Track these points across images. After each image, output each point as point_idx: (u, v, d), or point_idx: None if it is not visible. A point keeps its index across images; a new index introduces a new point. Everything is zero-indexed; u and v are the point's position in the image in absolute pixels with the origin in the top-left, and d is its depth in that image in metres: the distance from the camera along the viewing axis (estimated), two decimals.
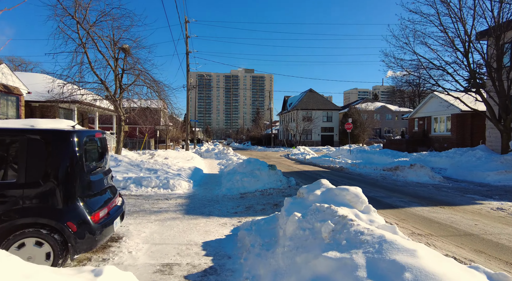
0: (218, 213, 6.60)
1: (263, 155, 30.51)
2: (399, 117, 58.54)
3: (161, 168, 10.31)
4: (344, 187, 4.43)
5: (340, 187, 4.50)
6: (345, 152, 24.97)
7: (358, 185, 10.62)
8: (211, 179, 12.17)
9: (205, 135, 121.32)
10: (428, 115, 23.68)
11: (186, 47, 27.47)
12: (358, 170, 14.52)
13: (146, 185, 8.75)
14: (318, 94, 55.89)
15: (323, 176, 13.07)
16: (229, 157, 21.84)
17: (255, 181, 9.30)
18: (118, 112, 12.38)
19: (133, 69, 12.73)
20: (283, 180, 9.98)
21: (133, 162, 10.22)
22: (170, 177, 9.25)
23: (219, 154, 26.10)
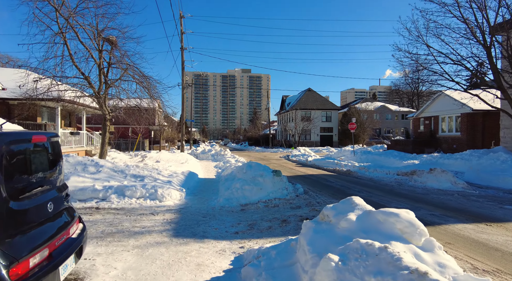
0: (214, 233, 5.33)
1: (261, 156, 29.26)
2: (399, 117, 57.63)
3: (149, 174, 9.00)
4: (390, 211, 3.17)
5: (384, 210, 3.24)
6: (348, 153, 23.80)
7: (373, 193, 9.42)
8: (207, 185, 10.89)
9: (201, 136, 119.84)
10: (435, 114, 22.58)
11: (181, 43, 26.17)
12: (368, 174, 13.32)
13: (130, 195, 7.45)
14: (317, 94, 54.79)
15: (332, 181, 11.84)
16: (226, 159, 20.57)
17: (257, 190, 8.03)
18: (103, 110, 11.06)
19: (120, 63, 11.42)
20: (289, 187, 8.72)
21: (117, 167, 8.91)
22: (159, 186, 7.95)
23: (216, 156, 24.81)
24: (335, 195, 8.92)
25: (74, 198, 7.17)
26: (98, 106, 11.16)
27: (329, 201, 7.83)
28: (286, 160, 24.05)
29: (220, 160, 21.56)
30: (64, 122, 18.83)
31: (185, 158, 18.36)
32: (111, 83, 11.42)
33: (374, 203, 7.93)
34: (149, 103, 12.35)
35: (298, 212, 6.78)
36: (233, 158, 21.90)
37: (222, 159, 22.10)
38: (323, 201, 7.76)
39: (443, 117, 21.95)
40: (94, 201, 7.18)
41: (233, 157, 22.32)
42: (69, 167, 8.31)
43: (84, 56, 10.41)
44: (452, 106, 20.65)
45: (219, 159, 22.78)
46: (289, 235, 5.25)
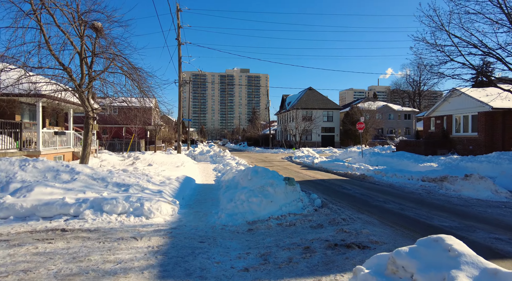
0: (216, 271, 3.86)
1: (262, 158, 27.79)
2: (402, 117, 56.35)
3: (136, 183, 7.50)
4: None
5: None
6: (356, 155, 22.38)
7: (404, 204, 7.85)
8: (206, 194, 9.40)
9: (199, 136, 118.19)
10: (448, 113, 21.19)
11: (178, 37, 24.63)
12: (386, 179, 11.87)
13: (110, 210, 5.96)
14: (318, 93, 53.40)
15: (348, 188, 10.38)
16: (226, 161, 19.08)
17: (267, 203, 6.56)
18: (85, 107, 9.55)
19: (106, 52, 9.91)
20: (304, 199, 7.26)
21: (98, 174, 7.41)
22: (146, 198, 6.46)
23: (214, 157, 23.31)
24: (359, 207, 7.47)
25: (37, 215, 5.66)
26: (80, 102, 9.65)
27: (357, 217, 6.38)
28: (289, 162, 22.59)
29: (220, 162, 20.07)
30: (49, 121, 17.27)
31: (182, 160, 16.86)
32: (96, 76, 9.91)
33: (411, 219, 6.47)
34: (141, 99, 10.83)
35: (323, 234, 5.31)
36: (233, 159, 20.41)
37: (221, 160, 20.61)
38: (350, 217, 6.30)
39: (457, 116, 20.56)
40: (63, 218, 5.68)
41: (233, 159, 20.84)
42: (37, 174, 6.82)
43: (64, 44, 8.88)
44: (468, 104, 19.28)
45: (218, 161, 21.28)
46: (318, 273, 3.80)
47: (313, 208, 6.87)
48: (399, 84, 79.65)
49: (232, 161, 18.82)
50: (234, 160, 19.74)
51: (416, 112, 58.90)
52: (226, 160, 19.65)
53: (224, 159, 20.71)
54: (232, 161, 18.82)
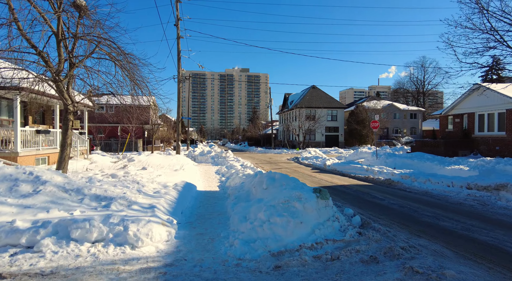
0: None
1: (266, 158, 26.11)
2: (407, 116, 54.70)
3: (121, 194, 5.81)
4: None
5: None
6: (369, 156, 20.73)
7: (458, 220, 4.75)
8: (210, 204, 7.73)
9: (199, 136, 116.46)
10: (470, 111, 19.54)
11: (177, 30, 22.94)
12: (417, 185, 10.21)
13: (81, 237, 4.28)
14: (321, 91, 51.72)
15: (379, 197, 8.71)
16: (229, 163, 17.41)
17: (296, 224, 4.89)
18: (63, 99, 7.86)
19: (91, 35, 8.23)
20: (339, 216, 5.59)
21: (72, 184, 5.72)
22: (134, 217, 4.78)
23: (216, 158, 21.62)
24: (409, 226, 5.80)
25: None
26: (57, 93, 7.96)
27: (418, 245, 4.71)
28: (297, 164, 20.91)
29: (222, 164, 18.39)
30: (33, 118, 15.57)
31: (181, 163, 15.18)
32: (78, 63, 8.21)
33: (495, 249, 4.45)
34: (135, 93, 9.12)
35: (385, 276, 3.64)
36: (237, 161, 18.73)
37: (224, 162, 18.92)
38: (409, 245, 4.62)
39: (480, 114, 18.91)
40: (9, 252, 3.98)
41: (237, 160, 19.15)
42: None
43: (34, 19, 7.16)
44: (494, 101, 17.64)
45: (220, 162, 19.60)
46: None
47: (355, 229, 5.18)
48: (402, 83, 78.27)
49: (236, 163, 17.14)
50: (238, 162, 18.06)
51: (422, 112, 57.33)
52: (229, 162, 17.97)
53: (227, 160, 19.03)
54: (236, 163, 17.14)
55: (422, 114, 56.26)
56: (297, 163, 21.30)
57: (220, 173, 14.75)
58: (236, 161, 18.60)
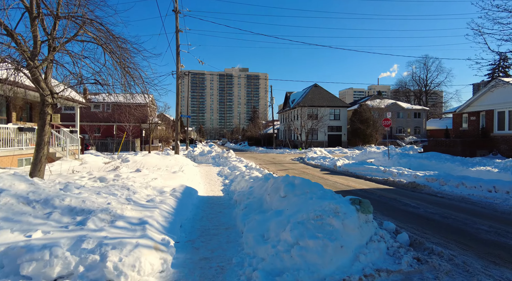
0: None
1: (269, 158, 24.86)
2: (411, 115, 53.52)
3: (105, 205, 4.54)
4: None
5: None
6: (379, 156, 19.51)
7: None
8: (215, 214, 6.48)
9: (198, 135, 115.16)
10: (488, 109, 18.35)
11: (176, 23, 21.70)
12: (448, 189, 8.99)
13: (35, 273, 3.01)
14: (323, 90, 50.51)
15: (409, 203, 7.47)
16: (232, 163, 16.16)
17: (335, 248, 3.64)
18: (40, 89, 6.59)
19: (74, 15, 6.97)
20: (384, 234, 4.35)
21: (39, 193, 4.44)
22: (116, 240, 3.53)
23: (217, 159, 20.36)
24: (472, 247, 4.56)
25: None
26: (32, 82, 6.69)
27: (504, 277, 3.47)
28: (303, 164, 19.67)
29: (224, 165, 17.13)
30: (18, 115, 14.28)
31: (180, 164, 13.92)
32: (59, 46, 6.95)
33: None
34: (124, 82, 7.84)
35: None
36: (239, 161, 17.48)
37: (226, 162, 17.66)
38: None
39: (500, 111, 17.71)
40: None
41: (240, 161, 17.89)
42: None
43: None
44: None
45: (222, 163, 18.34)
46: None
47: (410, 254, 3.93)
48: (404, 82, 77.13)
49: (240, 164, 15.89)
50: (241, 162, 16.81)
51: (426, 111, 56.20)
52: (232, 162, 16.71)
53: (229, 161, 17.77)
54: (240, 164, 15.89)
55: (426, 113, 55.13)
56: (303, 163, 20.06)
57: (222, 174, 13.50)
58: (239, 161, 17.35)
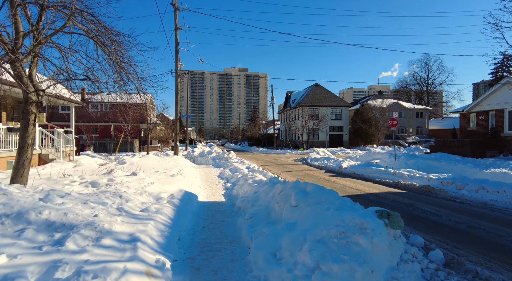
0: None
1: (271, 159, 24.23)
2: (413, 115, 52.90)
3: (90, 219, 3.90)
4: None
5: None
6: (385, 157, 18.88)
7: None
8: (217, 224, 5.84)
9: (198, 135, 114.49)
10: (498, 107, 17.73)
11: (175, 20, 21.07)
12: (467, 194, 8.37)
13: None
14: (325, 89, 49.91)
15: (428, 210, 6.83)
16: (233, 165, 15.53)
17: (364, 274, 3.00)
18: (22, 85, 5.94)
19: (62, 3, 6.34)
20: (416, 252, 3.73)
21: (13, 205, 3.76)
22: (97, 266, 2.89)
23: (218, 160, 19.73)
24: None
25: None
26: (14, 78, 6.04)
27: None
28: (306, 165, 19.04)
29: (225, 166, 16.50)
30: (9, 115, 13.64)
31: (179, 165, 13.30)
32: (46, 38, 6.31)
33: None
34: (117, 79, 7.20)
35: None
36: (241, 163, 16.85)
37: (227, 164, 17.03)
38: None
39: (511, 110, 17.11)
40: None
41: (241, 162, 17.26)
42: None
43: None
44: None
45: (222, 164, 17.71)
46: None
47: (454, 280, 3.30)
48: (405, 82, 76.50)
49: (241, 165, 15.26)
50: (243, 164, 16.18)
51: (429, 111, 55.60)
52: (233, 164, 16.08)
53: (230, 162, 17.14)
54: (241, 165, 15.26)
55: (428, 113, 54.51)
56: (306, 165, 19.43)
57: (223, 177, 12.88)
58: (240, 163, 16.72)
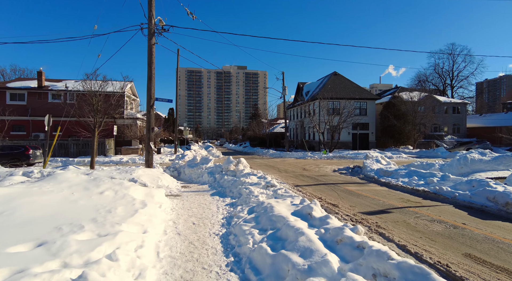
0: None
1: (298, 169, 15.76)
2: (449, 110, 44.54)
3: None
4: None
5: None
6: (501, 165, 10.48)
7: None
8: None
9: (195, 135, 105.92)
10: None
11: None
12: None
13: None
14: (346, 79, 41.55)
15: None
16: (254, 194, 7.10)
17: None
18: None
19: None
20: None
21: None
22: None
23: (218, 175, 11.18)
24: None
25: None
26: None
27: None
28: (374, 185, 10.61)
29: (235, 193, 8.06)
30: None
31: (136, 206, 4.75)
32: None
33: None
34: None
35: None
36: (271, 186, 8.35)
37: (237, 185, 8.54)
38: None
39: None
40: None
41: (270, 185, 8.66)
42: None
43: None
44: None
45: (228, 185, 9.20)
46: None
47: None
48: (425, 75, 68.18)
49: (277, 203, 6.80)
50: (273, 189, 7.68)
51: (466, 105, 47.31)
52: (253, 190, 7.60)
53: (243, 182, 8.67)
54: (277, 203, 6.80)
55: (465, 108, 46.20)
56: (374, 183, 10.99)
57: (237, 241, 4.46)
58: (265, 186, 8.23)
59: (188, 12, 14.59)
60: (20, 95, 28.34)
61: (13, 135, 27.89)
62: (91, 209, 5.03)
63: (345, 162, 21.63)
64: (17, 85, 28.95)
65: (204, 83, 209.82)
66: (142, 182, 8.86)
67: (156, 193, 7.18)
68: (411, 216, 6.45)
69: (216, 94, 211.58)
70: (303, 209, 5.28)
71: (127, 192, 6.36)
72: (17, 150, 19.56)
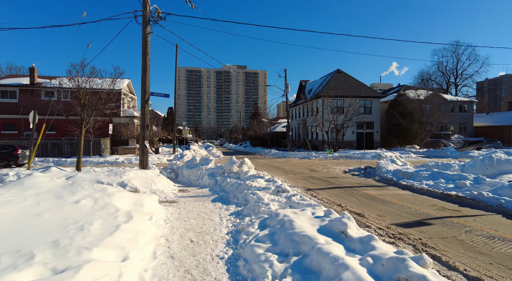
0: None
1: (304, 171, 14.56)
2: (456, 109, 43.33)
3: None
4: None
5: None
6: None
7: None
8: None
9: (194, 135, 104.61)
10: None
11: None
12: None
13: None
14: (349, 77, 40.32)
15: None
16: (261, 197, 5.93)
17: None
18: None
19: None
20: None
21: None
22: None
23: (220, 177, 9.99)
24: None
25: None
26: None
27: None
28: (395, 188, 9.43)
29: (241, 200, 6.87)
30: None
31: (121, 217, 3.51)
32: None
33: None
34: None
35: None
36: (282, 191, 7.15)
37: (242, 190, 7.36)
38: None
39: None
40: None
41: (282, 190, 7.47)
42: None
43: None
44: None
45: (231, 191, 8.01)
46: None
47: None
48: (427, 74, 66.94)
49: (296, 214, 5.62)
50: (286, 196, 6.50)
51: (473, 104, 46.11)
52: (261, 196, 6.41)
53: (250, 186, 7.49)
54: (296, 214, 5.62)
55: (472, 107, 44.98)
56: (394, 186, 9.80)
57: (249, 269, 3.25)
58: (276, 191, 7.03)
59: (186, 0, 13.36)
60: (11, 92, 27.10)
61: (4, 135, 26.67)
62: (57, 226, 3.83)
63: (353, 162, 20.44)
64: (8, 82, 27.71)
65: (204, 83, 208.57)
66: (132, 187, 7.65)
67: (147, 201, 5.98)
68: (459, 229, 5.25)
69: (216, 94, 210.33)
70: (333, 225, 4.07)
71: (110, 201, 5.15)
72: (5, 149, 18.31)
